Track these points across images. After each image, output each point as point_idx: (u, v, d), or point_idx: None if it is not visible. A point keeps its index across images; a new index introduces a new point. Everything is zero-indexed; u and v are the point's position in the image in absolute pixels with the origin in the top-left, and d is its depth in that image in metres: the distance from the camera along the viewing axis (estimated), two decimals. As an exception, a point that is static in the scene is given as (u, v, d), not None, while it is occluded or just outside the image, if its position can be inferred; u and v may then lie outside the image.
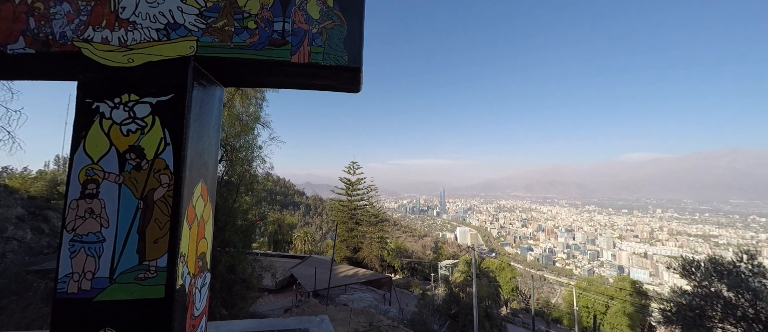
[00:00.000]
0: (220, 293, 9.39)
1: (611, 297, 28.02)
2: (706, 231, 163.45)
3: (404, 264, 47.58)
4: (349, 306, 15.50)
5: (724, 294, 10.33)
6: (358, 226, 41.13)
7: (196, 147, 1.51)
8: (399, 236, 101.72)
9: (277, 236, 45.27)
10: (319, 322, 2.52)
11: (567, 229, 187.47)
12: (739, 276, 10.15)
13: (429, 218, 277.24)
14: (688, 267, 11.31)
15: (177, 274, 1.36)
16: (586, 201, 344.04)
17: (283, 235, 46.29)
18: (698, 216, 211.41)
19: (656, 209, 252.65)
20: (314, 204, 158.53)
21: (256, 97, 11.97)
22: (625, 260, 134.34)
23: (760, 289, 9.77)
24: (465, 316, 17.78)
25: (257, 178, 13.59)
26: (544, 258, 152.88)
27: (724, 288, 10.27)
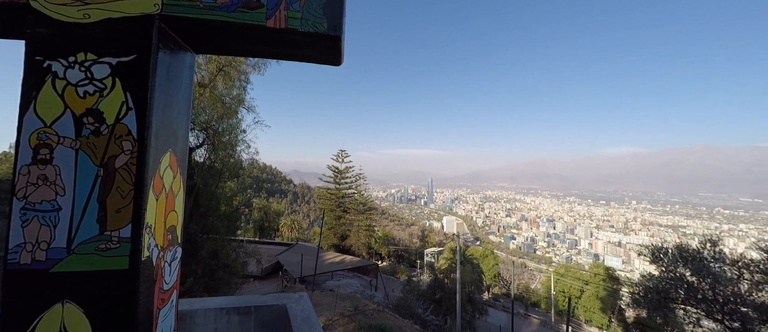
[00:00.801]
0: (203, 278, 9.27)
1: (586, 283, 29.55)
2: (676, 222, 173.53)
3: (391, 252, 48.32)
4: (335, 291, 15.68)
5: (687, 278, 11.07)
6: (346, 214, 41.21)
7: (163, 114, 1.42)
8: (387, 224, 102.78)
9: (264, 223, 44.81)
10: (298, 299, 2.50)
11: (548, 219, 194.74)
12: (701, 262, 10.88)
13: (417, 207, 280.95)
14: (657, 254, 12.01)
15: (142, 245, 1.30)
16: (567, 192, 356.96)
17: (270, 223, 45.86)
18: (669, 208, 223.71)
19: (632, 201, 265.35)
20: (302, 192, 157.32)
21: (239, 79, 11.55)
22: (601, 248, 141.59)
23: (719, 274, 10.52)
24: (449, 301, 18.35)
25: (242, 164, 13.28)
26: (525, 247, 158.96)
27: (688, 273, 11.00)
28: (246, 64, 11.26)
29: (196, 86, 10.17)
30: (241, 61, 11.03)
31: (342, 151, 43.05)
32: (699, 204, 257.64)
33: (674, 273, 11.12)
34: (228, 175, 12.38)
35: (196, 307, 2.25)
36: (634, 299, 12.37)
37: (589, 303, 28.65)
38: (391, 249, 48.36)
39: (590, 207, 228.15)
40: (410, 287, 20.17)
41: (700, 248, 11.14)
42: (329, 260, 26.96)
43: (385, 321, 10.47)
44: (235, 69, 11.05)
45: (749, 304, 9.82)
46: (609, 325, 27.59)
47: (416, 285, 21.38)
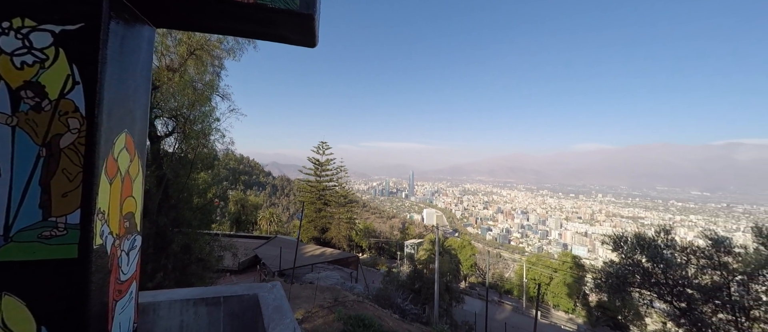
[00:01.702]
0: (174, 273, 8.87)
1: (555, 271, 31.43)
2: (636, 213, 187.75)
3: (372, 244, 48.69)
4: (315, 284, 15.60)
5: (643, 264, 12.05)
6: (327, 207, 40.86)
7: (116, 91, 1.30)
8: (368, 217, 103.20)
9: (241, 216, 43.47)
10: (270, 288, 2.44)
11: (522, 211, 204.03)
12: (656, 250, 11.86)
13: (398, 200, 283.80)
14: (618, 243, 12.94)
15: (94, 233, 1.20)
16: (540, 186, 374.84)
17: (247, 216, 44.56)
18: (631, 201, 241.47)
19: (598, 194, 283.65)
20: (281, 185, 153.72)
21: (213, 65, 10.94)
22: (569, 238, 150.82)
23: (670, 260, 11.53)
24: (427, 290, 18.84)
25: (216, 154, 12.72)
26: (501, 238, 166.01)
27: (644, 259, 11.97)
28: (220, 48, 10.67)
29: (164, 70, 9.53)
30: (215, 45, 10.44)
31: (323, 142, 42.38)
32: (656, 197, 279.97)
33: (632, 260, 12.07)
34: (201, 166, 11.81)
35: (160, 299, 2.13)
36: (597, 284, 13.33)
37: (557, 289, 30.55)
38: (372, 242, 48.73)
39: (561, 199, 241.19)
40: (390, 278, 20.47)
41: (655, 237, 12.15)
42: (309, 253, 26.73)
43: (365, 312, 10.58)
44: (207, 53, 10.44)
45: (694, 286, 10.88)
46: (574, 309, 29.64)
47: (396, 276, 21.73)
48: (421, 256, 24.92)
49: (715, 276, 10.82)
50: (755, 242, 10.85)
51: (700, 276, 11.19)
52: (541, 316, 27.04)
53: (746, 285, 10.36)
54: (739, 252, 10.89)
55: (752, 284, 10.28)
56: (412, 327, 12.37)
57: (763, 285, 10.24)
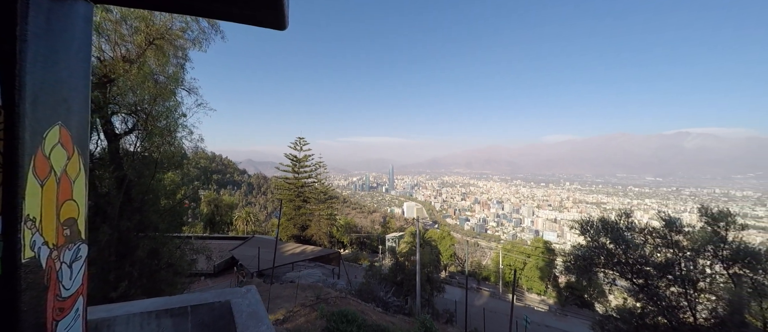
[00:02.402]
0: (140, 280, 8.27)
1: (528, 256, 33.13)
2: (599, 199, 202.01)
3: (353, 239, 48.56)
4: (296, 282, 15.28)
5: (607, 246, 12.95)
6: (306, 204, 40.06)
7: (43, 75, 1.10)
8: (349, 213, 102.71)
9: (215, 217, 41.56)
10: (244, 293, 2.28)
11: (498, 201, 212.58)
12: (618, 232, 12.77)
13: (378, 194, 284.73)
14: (585, 227, 13.78)
15: (22, 243, 1.02)
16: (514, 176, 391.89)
17: (222, 216, 42.70)
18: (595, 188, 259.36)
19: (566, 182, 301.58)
20: (257, 183, 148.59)
21: (176, 56, 10.17)
22: (541, 225, 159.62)
23: (630, 240, 12.48)
24: (409, 282, 19.13)
25: (185, 153, 11.95)
26: (478, 227, 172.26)
27: (608, 241, 12.86)
28: (183, 38, 9.91)
29: (120, 61, 8.71)
30: (177, 34, 9.68)
31: (300, 138, 41.31)
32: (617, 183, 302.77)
33: (598, 243, 12.93)
34: (168, 165, 11.04)
35: (116, 314, 1.88)
36: (566, 267, 14.17)
37: (531, 273, 32.28)
38: (354, 237, 48.60)
39: (533, 189, 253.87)
40: (372, 272, 20.55)
41: (617, 220, 13.08)
42: (289, 251, 26.13)
43: (348, 307, 10.53)
44: (169, 43, 9.66)
45: (651, 264, 11.89)
46: (546, 291, 31.51)
47: (378, 270, 21.84)
48: (403, 249, 25.21)
49: (668, 254, 11.87)
50: (700, 221, 12.02)
51: (656, 254, 12.24)
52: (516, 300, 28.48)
53: (694, 261, 11.47)
54: (687, 230, 12.02)
55: (699, 259, 11.40)
56: (395, 319, 12.51)
57: (707, 259, 11.39)
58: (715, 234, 11.26)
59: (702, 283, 11.28)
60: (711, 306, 11.02)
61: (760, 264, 10.40)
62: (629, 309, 12.67)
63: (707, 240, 11.19)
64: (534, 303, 29.83)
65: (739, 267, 10.74)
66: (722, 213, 11.56)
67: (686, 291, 11.16)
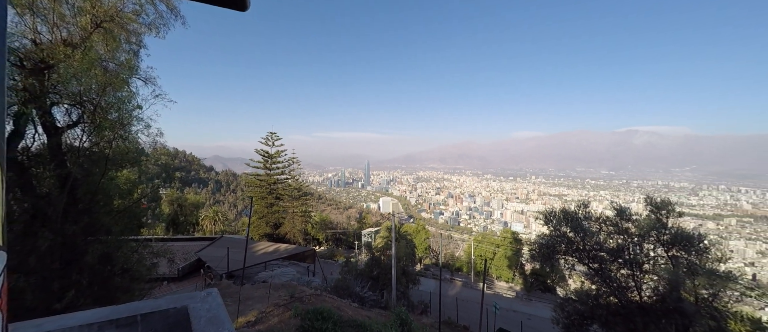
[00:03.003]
0: (91, 289, 7.53)
1: (498, 246, 34.86)
2: (561, 191, 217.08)
3: (329, 236, 48.01)
4: (268, 282, 14.80)
5: (568, 234, 13.95)
6: (279, 201, 38.83)
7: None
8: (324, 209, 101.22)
9: (178, 217, 38.98)
10: (204, 297, 2.12)
11: (470, 195, 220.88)
12: (577, 221, 13.81)
13: (354, 190, 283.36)
14: (549, 217, 14.73)
15: None
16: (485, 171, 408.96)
17: (186, 216, 40.15)
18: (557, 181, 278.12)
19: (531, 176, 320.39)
20: (226, 180, 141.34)
21: (128, 41, 9.25)
22: (509, 216, 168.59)
23: (587, 229, 13.54)
24: (385, 276, 19.32)
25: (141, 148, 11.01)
26: (451, 220, 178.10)
27: (568, 230, 13.86)
28: (137, 21, 9.02)
29: (60, 45, 7.75)
30: (130, 17, 8.80)
31: (272, 133, 39.77)
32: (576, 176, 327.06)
33: (559, 232, 13.90)
34: (121, 162, 10.10)
35: (47, 329, 1.63)
36: (531, 255, 15.10)
37: (500, 262, 34.03)
38: (329, 233, 48.05)
39: (502, 182, 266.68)
40: (348, 268, 20.48)
41: (576, 211, 14.14)
42: (261, 251, 25.24)
43: (324, 305, 10.40)
44: (120, 27, 8.75)
45: (604, 249, 13.01)
46: (513, 278, 33.43)
47: (354, 266, 21.82)
48: (379, 244, 25.37)
49: (619, 240, 13.07)
50: (646, 210, 13.36)
51: (609, 241, 13.42)
52: (486, 288, 29.88)
53: (640, 245, 12.74)
54: (635, 218, 13.29)
55: (644, 243, 12.67)
56: (371, 313, 12.59)
57: (651, 243, 12.70)
58: (657, 221, 12.56)
59: (646, 265, 12.58)
60: (653, 286, 12.33)
61: (694, 246, 11.80)
62: (586, 292, 13.81)
63: (651, 227, 12.46)
64: (503, 290, 31.54)
65: (677, 249, 12.10)
66: (664, 203, 12.92)
67: (634, 273, 12.38)
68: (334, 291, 15.41)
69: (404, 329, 9.92)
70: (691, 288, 11.57)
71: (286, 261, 27.26)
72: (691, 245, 11.68)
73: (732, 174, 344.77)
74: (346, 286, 15.44)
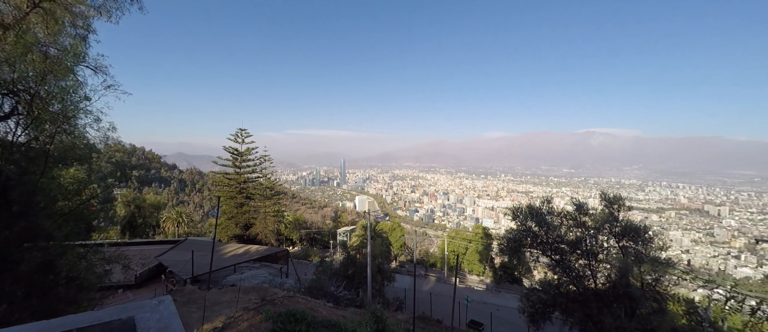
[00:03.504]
0: (28, 301, 6.73)
1: (470, 242, 36.17)
2: (527, 188, 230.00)
3: (303, 236, 46.94)
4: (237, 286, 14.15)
5: (533, 229, 14.80)
6: (250, 201, 37.24)
7: None
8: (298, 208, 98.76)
9: (136, 220, 36.03)
10: (155, 306, 1.95)
11: (444, 192, 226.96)
12: (541, 216, 14.68)
13: (329, 189, 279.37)
14: (516, 213, 15.52)
15: None
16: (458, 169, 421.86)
17: (145, 218, 37.23)
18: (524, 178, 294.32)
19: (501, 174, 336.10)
20: (191, 179, 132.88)
21: (74, 24, 8.33)
22: (481, 213, 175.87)
23: (550, 223, 14.45)
24: (360, 274, 19.28)
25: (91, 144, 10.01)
26: (426, 217, 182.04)
27: (534, 224, 14.70)
28: (84, 3, 8.14)
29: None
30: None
31: (242, 130, 37.98)
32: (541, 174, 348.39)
33: (525, 226, 14.71)
34: (67, 159, 9.10)
35: None
36: (500, 248, 15.85)
37: (471, 257, 35.37)
38: (304, 233, 46.99)
39: (474, 180, 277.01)
40: (323, 267, 20.18)
41: (541, 206, 15.04)
42: (230, 253, 24.04)
43: (297, 306, 10.15)
44: (64, 8, 7.83)
45: (565, 242, 13.98)
46: (484, 272, 34.91)
47: (329, 265, 21.55)
48: (354, 242, 25.26)
49: (577, 233, 14.10)
50: (601, 204, 14.54)
51: (568, 234, 14.43)
52: (459, 282, 30.93)
53: (595, 237, 13.85)
54: (591, 213, 14.41)
55: (599, 235, 13.79)
56: (346, 312, 12.51)
57: (605, 235, 13.85)
58: (610, 215, 13.73)
59: (601, 255, 13.71)
60: (606, 274, 13.47)
61: (640, 237, 13.04)
62: (549, 282, 14.77)
63: (605, 220, 13.59)
64: (474, 283, 32.82)
65: (626, 240, 13.31)
66: (615, 198, 14.14)
67: (590, 263, 13.43)
68: (308, 291, 15.10)
69: (379, 326, 9.96)
70: (638, 275, 12.82)
71: (257, 263, 26.23)
72: (638, 236, 12.91)
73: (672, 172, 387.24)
74: (321, 286, 15.20)
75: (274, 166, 41.77)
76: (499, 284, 31.36)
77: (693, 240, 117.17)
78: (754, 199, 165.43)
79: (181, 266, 18.42)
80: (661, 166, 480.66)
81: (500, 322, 20.01)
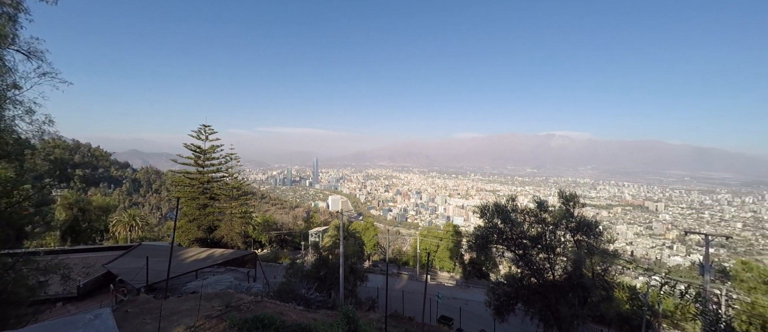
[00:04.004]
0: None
1: (441, 239, 37.20)
2: (495, 187, 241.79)
3: (273, 238, 45.24)
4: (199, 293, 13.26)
5: (499, 225, 15.56)
6: (214, 202, 35.09)
7: None
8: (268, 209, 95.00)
9: (80, 224, 32.42)
10: (91, 320, 1.76)
11: (417, 192, 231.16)
12: (506, 213, 15.49)
13: (302, 189, 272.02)
14: (484, 211, 16.22)
15: None
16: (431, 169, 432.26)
17: (91, 222, 33.65)
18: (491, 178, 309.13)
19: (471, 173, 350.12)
20: (147, 179, 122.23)
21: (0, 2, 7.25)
22: (452, 211, 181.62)
23: (515, 220, 15.30)
24: (333, 275, 19.00)
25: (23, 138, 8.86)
26: (399, 216, 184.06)
27: (499, 221, 15.47)
28: (12, -21, 7.12)
29: None
30: (0, -28, 6.89)
31: (205, 126, 35.65)
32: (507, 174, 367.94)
33: (492, 223, 15.45)
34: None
35: None
36: (469, 245, 16.51)
37: (442, 254, 36.41)
38: (273, 235, 45.31)
39: (446, 180, 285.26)
40: (294, 270, 19.60)
41: (506, 204, 15.88)
42: (191, 258, 22.47)
43: (265, 311, 9.75)
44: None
45: (527, 237, 14.89)
46: (454, 268, 36.11)
47: (300, 267, 20.99)
48: (326, 243, 24.86)
49: (538, 229, 15.09)
50: (559, 202, 15.70)
51: (530, 230, 15.40)
52: (430, 279, 31.70)
53: (554, 232, 14.91)
54: (551, 210, 15.49)
55: (557, 231, 14.87)
56: (317, 314, 12.26)
57: (562, 230, 14.96)
58: (567, 212, 14.84)
59: (559, 249, 14.79)
60: (563, 266, 14.57)
61: (592, 231, 14.26)
62: (513, 275, 15.64)
63: (562, 216, 14.67)
64: (445, 280, 33.82)
65: (580, 234, 14.48)
66: (571, 195, 15.30)
67: (549, 256, 14.44)
68: (277, 295, 14.58)
69: (351, 327, 9.89)
70: (590, 266, 14.01)
71: (222, 267, 24.82)
72: (591, 230, 14.12)
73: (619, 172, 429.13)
74: (291, 289, 14.75)
75: (241, 165, 39.75)
76: (468, 279, 32.60)
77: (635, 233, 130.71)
78: (684, 196, 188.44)
79: (133, 274, 16.86)
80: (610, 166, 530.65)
81: (469, 316, 20.82)
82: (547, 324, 14.05)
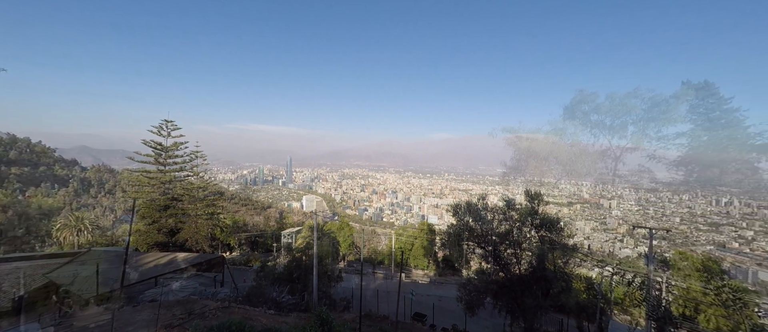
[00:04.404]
0: None
1: (415, 238, 37.80)
2: (467, 187, 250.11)
3: (243, 240, 43.26)
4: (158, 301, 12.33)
5: (470, 223, 16.14)
6: (177, 203, 32.80)
7: None
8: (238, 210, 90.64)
9: (14, 229, 28.82)
10: None
11: (393, 191, 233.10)
12: (477, 212, 16.10)
13: (274, 188, 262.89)
14: (457, 210, 16.74)
15: None
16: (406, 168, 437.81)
17: (29, 227, 30.04)
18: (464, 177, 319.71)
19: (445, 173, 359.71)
20: (98, 178, 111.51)
21: None
22: (426, 210, 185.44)
23: (485, 217, 15.94)
24: (306, 277, 18.57)
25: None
26: (375, 216, 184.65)
27: (471, 219, 16.05)
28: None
29: None
30: None
31: (167, 121, 33.22)
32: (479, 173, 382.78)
33: (464, 221, 15.99)
34: None
35: None
36: (442, 243, 16.99)
37: (417, 252, 37.04)
38: (243, 237, 43.33)
39: (421, 179, 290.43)
40: (265, 273, 18.90)
41: (477, 203, 16.52)
42: (151, 263, 20.85)
43: (232, 318, 9.29)
44: None
45: (496, 234, 15.60)
46: (428, 265, 36.89)
47: (271, 270, 20.29)
48: (300, 244, 24.25)
49: (506, 226, 15.86)
50: (525, 200, 16.61)
51: (499, 227, 16.15)
52: (405, 277, 32.09)
53: (520, 229, 15.76)
54: (518, 207, 16.34)
55: (523, 227, 15.72)
56: (289, 318, 11.92)
57: (527, 227, 15.83)
58: (532, 209, 15.73)
59: (525, 244, 15.64)
60: (528, 260, 15.43)
61: (554, 227, 15.24)
62: (483, 271, 16.29)
63: (528, 214, 15.53)
64: (419, 277, 34.42)
65: (544, 230, 15.43)
66: (536, 194, 16.23)
67: (516, 252, 15.22)
68: (246, 300, 13.97)
69: (325, 329, 9.72)
70: (552, 260, 14.97)
71: (186, 272, 23.29)
72: (553, 226, 15.09)
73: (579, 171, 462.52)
74: (261, 293, 14.20)
75: (208, 164, 37.54)
76: (442, 276, 33.46)
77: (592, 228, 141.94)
78: (632, 194, 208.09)
79: (81, 283, 15.28)
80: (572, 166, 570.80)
81: (442, 312, 21.36)
82: (514, 316, 14.83)
